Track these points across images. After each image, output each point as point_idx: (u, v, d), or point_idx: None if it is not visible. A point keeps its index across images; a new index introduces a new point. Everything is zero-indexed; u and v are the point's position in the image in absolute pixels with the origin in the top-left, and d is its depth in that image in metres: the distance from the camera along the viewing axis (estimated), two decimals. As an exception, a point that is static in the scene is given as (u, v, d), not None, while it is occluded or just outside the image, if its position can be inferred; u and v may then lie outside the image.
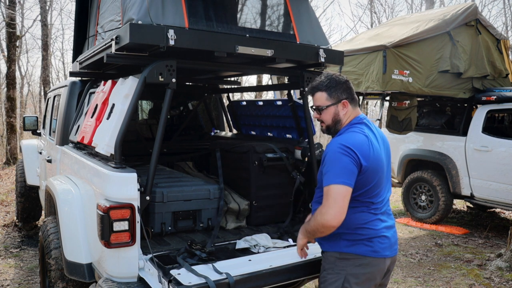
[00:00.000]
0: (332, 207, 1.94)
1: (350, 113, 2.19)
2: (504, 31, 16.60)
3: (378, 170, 2.06)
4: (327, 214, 1.95)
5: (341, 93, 2.17)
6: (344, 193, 1.94)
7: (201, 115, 5.07)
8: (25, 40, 24.86)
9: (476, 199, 6.13)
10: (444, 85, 6.00)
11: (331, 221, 1.94)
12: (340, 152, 1.98)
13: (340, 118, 2.18)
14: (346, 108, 2.18)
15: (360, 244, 2.06)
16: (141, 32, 2.30)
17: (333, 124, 2.19)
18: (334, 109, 2.18)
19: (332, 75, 2.20)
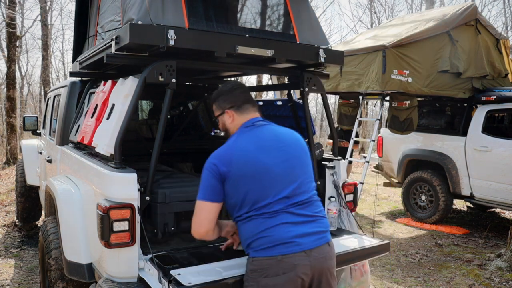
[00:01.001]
0: (194, 219, 2.04)
1: (237, 121, 2.19)
2: (504, 31, 16.61)
3: (253, 173, 1.99)
4: (193, 225, 2.05)
5: (224, 103, 2.21)
6: (206, 207, 2.02)
7: (201, 115, 5.07)
8: (25, 40, 24.87)
9: (476, 199, 6.13)
10: (444, 85, 6.00)
11: (194, 233, 2.06)
12: (206, 167, 2.05)
13: (227, 127, 2.23)
14: (231, 117, 2.19)
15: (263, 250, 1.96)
16: (141, 32, 2.30)
17: (225, 133, 2.26)
18: (221, 119, 2.24)
19: (223, 84, 2.28)
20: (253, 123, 2.16)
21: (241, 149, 2.05)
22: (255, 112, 2.21)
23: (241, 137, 2.11)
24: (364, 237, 2.94)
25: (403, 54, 5.65)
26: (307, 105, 3.23)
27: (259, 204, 1.98)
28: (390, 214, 7.42)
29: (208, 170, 2.03)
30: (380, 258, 4.96)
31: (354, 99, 6.71)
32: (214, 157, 2.06)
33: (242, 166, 2.00)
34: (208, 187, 2.01)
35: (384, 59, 5.52)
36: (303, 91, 3.11)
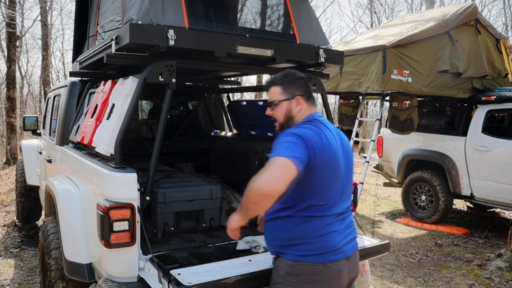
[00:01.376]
0: (269, 172, 1.75)
1: (304, 111, 2.05)
2: (504, 31, 16.61)
3: (332, 166, 1.91)
4: (260, 178, 1.74)
5: (296, 89, 2.05)
6: (288, 164, 1.75)
7: (201, 115, 5.07)
8: (25, 40, 24.87)
9: (476, 199, 6.13)
10: (444, 85, 6.00)
11: (263, 185, 1.73)
12: (290, 136, 1.85)
13: (293, 115, 2.04)
14: (300, 105, 2.04)
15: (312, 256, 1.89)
16: (141, 32, 2.30)
17: (286, 121, 2.05)
18: (287, 105, 2.04)
19: (290, 70, 2.11)
20: (317, 117, 2.05)
21: (327, 138, 1.92)
22: (315, 107, 2.14)
23: (319, 127, 1.96)
24: (364, 237, 2.94)
25: (403, 54, 5.64)
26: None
27: (324, 202, 1.91)
28: (390, 214, 7.42)
29: (297, 138, 1.84)
30: (380, 258, 4.96)
31: (354, 99, 6.71)
32: (303, 134, 1.86)
33: (326, 156, 1.88)
34: (297, 148, 1.80)
35: (384, 59, 5.52)
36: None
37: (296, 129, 1.91)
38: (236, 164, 3.46)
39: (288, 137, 1.85)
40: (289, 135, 1.86)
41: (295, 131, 1.89)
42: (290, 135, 1.86)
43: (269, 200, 1.75)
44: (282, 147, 1.81)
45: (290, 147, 1.79)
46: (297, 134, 1.85)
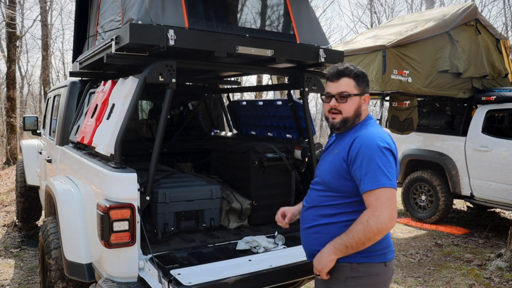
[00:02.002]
0: (388, 207, 1.74)
1: (366, 109, 2.03)
2: (504, 31, 16.60)
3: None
4: (382, 216, 1.73)
5: (366, 86, 2.00)
6: (395, 195, 1.79)
7: (201, 115, 5.07)
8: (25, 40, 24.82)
9: (476, 199, 6.13)
10: (444, 85, 6.00)
11: (389, 223, 1.74)
12: (384, 150, 1.81)
13: (360, 112, 1.98)
14: (366, 103, 2.01)
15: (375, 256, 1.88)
16: (141, 32, 2.30)
17: (353, 117, 1.97)
18: (358, 101, 1.97)
19: (355, 66, 2.04)
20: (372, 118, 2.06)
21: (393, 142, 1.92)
22: None
23: (381, 129, 1.97)
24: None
25: (403, 54, 5.64)
26: (307, 105, 3.23)
27: None
28: (390, 214, 7.41)
29: (391, 155, 1.83)
30: (380, 258, 4.95)
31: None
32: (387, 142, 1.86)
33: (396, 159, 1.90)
34: (393, 171, 1.80)
35: (384, 59, 5.51)
36: (303, 91, 3.11)
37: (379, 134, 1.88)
38: (236, 164, 3.46)
39: (386, 154, 1.81)
40: (385, 151, 1.81)
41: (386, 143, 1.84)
42: (386, 150, 1.82)
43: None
44: (384, 171, 1.77)
45: (391, 172, 1.79)
46: (390, 149, 1.84)
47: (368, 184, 1.76)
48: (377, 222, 1.73)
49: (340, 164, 1.89)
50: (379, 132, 1.90)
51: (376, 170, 1.76)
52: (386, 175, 1.76)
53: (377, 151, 1.79)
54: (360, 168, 1.80)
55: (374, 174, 1.76)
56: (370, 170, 1.77)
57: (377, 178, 1.75)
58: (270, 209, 3.32)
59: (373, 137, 1.85)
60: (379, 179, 1.75)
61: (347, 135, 1.96)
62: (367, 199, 1.78)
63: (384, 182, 1.75)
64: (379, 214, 1.73)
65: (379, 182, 1.75)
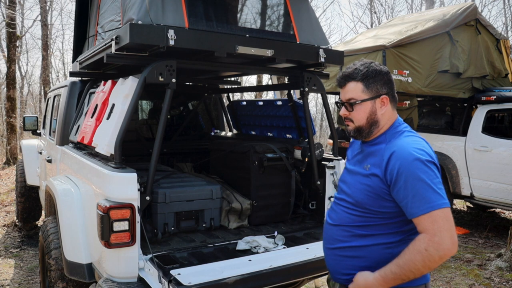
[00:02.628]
0: (448, 229, 1.51)
1: (389, 114, 1.73)
2: (504, 31, 16.60)
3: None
4: (443, 242, 1.50)
5: (382, 87, 1.71)
6: (451, 215, 1.56)
7: (201, 115, 5.08)
8: (25, 40, 24.85)
9: (476, 199, 6.13)
10: (444, 85, 6.00)
11: (452, 248, 1.51)
12: (428, 164, 1.56)
13: (377, 118, 1.71)
14: (385, 106, 1.71)
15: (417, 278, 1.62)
16: (141, 32, 2.30)
17: (368, 126, 1.71)
18: (371, 106, 1.70)
19: (371, 63, 1.74)
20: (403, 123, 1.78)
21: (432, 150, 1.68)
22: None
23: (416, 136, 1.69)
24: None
25: (403, 54, 5.64)
26: (307, 105, 3.24)
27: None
28: (390, 214, 7.42)
29: (434, 166, 1.58)
30: (380, 258, 4.95)
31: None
32: (429, 154, 1.60)
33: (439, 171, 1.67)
34: (442, 187, 1.57)
35: (384, 59, 5.52)
36: (303, 91, 3.11)
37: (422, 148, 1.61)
38: (236, 164, 3.46)
39: (431, 168, 1.56)
40: (429, 164, 1.57)
41: (427, 155, 1.59)
42: (430, 164, 1.57)
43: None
44: (435, 188, 1.54)
45: (441, 188, 1.56)
46: (433, 161, 1.59)
47: (419, 207, 1.53)
48: (438, 249, 1.50)
49: (377, 185, 1.64)
50: (416, 142, 1.63)
51: (425, 190, 1.53)
52: (437, 193, 1.53)
53: (421, 167, 1.55)
54: (405, 189, 1.55)
55: (424, 195, 1.53)
56: (418, 190, 1.53)
57: (428, 199, 1.53)
58: (270, 209, 3.33)
59: (411, 150, 1.58)
60: (431, 200, 1.52)
61: (377, 147, 1.70)
62: (420, 223, 1.54)
63: (437, 202, 1.52)
64: (439, 240, 1.50)
65: (432, 203, 1.52)
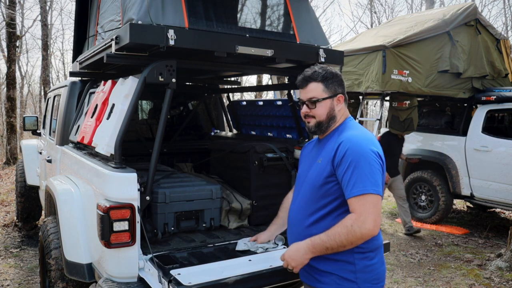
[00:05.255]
0: (372, 213, 1.74)
1: (343, 110, 2.01)
2: (504, 31, 16.60)
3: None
4: (366, 222, 1.73)
5: (338, 87, 1.98)
6: (380, 202, 1.77)
7: (201, 115, 5.07)
8: (25, 40, 24.87)
9: (476, 199, 6.13)
10: (444, 85, 6.01)
11: (373, 229, 1.75)
12: (372, 157, 1.79)
13: (335, 114, 1.98)
14: (340, 103, 1.99)
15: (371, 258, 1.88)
16: (141, 32, 2.30)
17: (327, 120, 1.97)
18: (330, 103, 1.96)
19: (327, 66, 2.01)
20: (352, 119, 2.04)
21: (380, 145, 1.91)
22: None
23: (365, 130, 1.95)
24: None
25: (403, 54, 5.65)
26: (307, 105, 3.23)
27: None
28: (390, 214, 7.42)
29: (378, 163, 1.80)
30: (380, 258, 4.95)
31: (354, 99, 6.71)
32: (374, 145, 1.84)
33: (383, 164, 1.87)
34: (379, 179, 1.78)
35: (384, 59, 5.52)
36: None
37: (368, 138, 1.85)
38: (236, 164, 3.46)
39: (374, 158, 1.79)
40: (373, 155, 1.79)
41: (374, 146, 1.83)
42: (373, 154, 1.80)
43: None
44: (370, 177, 1.75)
45: (377, 179, 1.77)
46: (378, 154, 1.82)
47: (354, 189, 1.76)
48: (361, 227, 1.73)
49: (325, 168, 1.88)
50: (365, 134, 1.88)
51: (363, 175, 1.75)
52: (372, 181, 1.75)
53: (365, 155, 1.78)
54: (346, 172, 1.79)
55: (361, 179, 1.75)
56: (357, 175, 1.76)
57: (363, 184, 1.75)
58: (270, 209, 3.32)
59: (360, 139, 1.84)
60: (365, 185, 1.74)
61: (330, 140, 1.95)
62: (352, 204, 1.77)
63: (370, 188, 1.74)
64: (364, 219, 1.73)
65: (365, 187, 1.74)
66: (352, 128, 1.93)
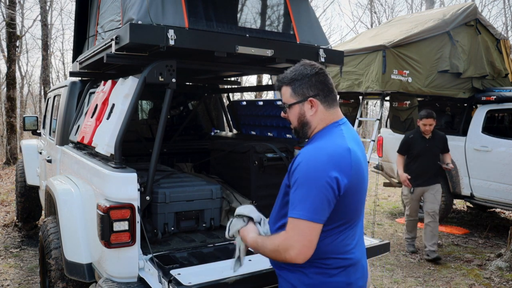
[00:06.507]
0: (300, 241, 1.54)
1: (322, 115, 1.71)
2: (504, 31, 16.60)
3: (358, 189, 1.64)
4: (291, 249, 1.54)
5: (308, 89, 1.70)
6: (316, 229, 1.55)
7: (201, 115, 5.07)
8: (25, 40, 24.88)
9: (476, 199, 6.13)
10: (444, 85, 6.01)
11: (295, 258, 1.55)
12: (320, 180, 1.52)
13: (307, 120, 1.73)
14: (314, 107, 1.71)
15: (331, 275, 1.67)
16: (141, 32, 2.30)
17: (300, 127, 1.76)
18: (299, 109, 1.73)
19: (302, 64, 1.75)
20: (345, 122, 1.76)
21: (355, 153, 1.62)
22: (339, 108, 1.79)
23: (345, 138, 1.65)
24: (364, 237, 2.93)
25: (403, 54, 5.65)
26: (307, 105, 3.23)
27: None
28: (390, 214, 7.42)
29: (326, 184, 1.52)
30: (380, 258, 4.96)
31: (354, 99, 6.71)
32: (332, 164, 1.54)
33: (356, 177, 1.60)
34: (322, 205, 1.53)
35: (384, 59, 5.52)
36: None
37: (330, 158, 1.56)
38: (236, 164, 3.46)
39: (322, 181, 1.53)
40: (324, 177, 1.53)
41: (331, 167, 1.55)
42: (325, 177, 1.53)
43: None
44: (312, 202, 1.52)
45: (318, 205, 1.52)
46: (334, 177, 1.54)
47: (292, 210, 1.56)
48: (285, 251, 1.56)
49: (286, 177, 1.74)
50: (326, 150, 1.58)
51: (302, 199, 1.54)
52: (310, 206, 1.52)
53: (311, 177, 1.54)
54: (291, 189, 1.60)
55: (299, 202, 1.54)
56: (298, 195, 1.55)
57: (301, 207, 1.53)
58: (270, 209, 3.31)
59: (315, 156, 1.57)
60: (302, 208, 1.53)
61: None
62: (288, 224, 1.58)
63: (305, 214, 1.52)
64: (289, 245, 1.55)
65: (300, 212, 1.53)
66: (322, 138, 1.68)
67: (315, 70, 1.72)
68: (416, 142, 5.11)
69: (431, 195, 5.07)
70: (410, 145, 5.15)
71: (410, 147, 5.15)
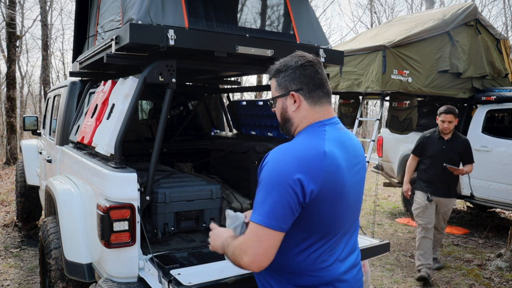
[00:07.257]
0: (254, 247, 1.40)
1: (305, 112, 1.55)
2: (504, 31, 16.60)
3: (335, 200, 1.45)
4: (245, 254, 1.41)
5: (290, 83, 1.55)
6: (273, 237, 1.39)
7: (201, 115, 5.08)
8: (25, 40, 24.89)
9: (476, 199, 6.13)
10: (444, 85, 6.01)
11: (250, 265, 1.41)
12: (284, 184, 1.37)
13: (288, 116, 1.58)
14: (297, 103, 1.54)
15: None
16: (141, 32, 2.30)
17: (283, 124, 1.62)
18: (282, 103, 1.59)
19: (291, 55, 1.60)
20: (333, 122, 1.57)
21: (333, 158, 1.44)
22: (330, 106, 1.60)
23: (325, 140, 1.48)
24: (364, 237, 2.94)
25: (403, 54, 5.65)
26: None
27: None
28: (390, 214, 7.42)
29: (289, 189, 1.37)
30: (380, 258, 4.96)
31: (354, 99, 6.71)
32: (299, 167, 1.39)
33: (331, 185, 1.42)
34: (283, 211, 1.38)
35: (384, 59, 5.52)
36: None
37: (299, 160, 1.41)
38: (236, 164, 3.46)
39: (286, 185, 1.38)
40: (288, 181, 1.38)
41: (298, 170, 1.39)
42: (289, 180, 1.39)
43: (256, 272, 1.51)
44: (271, 207, 1.38)
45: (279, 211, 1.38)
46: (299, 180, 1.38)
47: (253, 213, 1.44)
48: (240, 255, 1.43)
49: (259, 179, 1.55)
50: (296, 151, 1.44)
51: (262, 202, 1.41)
52: (269, 212, 1.38)
53: (274, 179, 1.40)
54: (258, 194, 1.45)
55: (260, 205, 1.41)
56: (260, 198, 1.43)
57: (261, 211, 1.40)
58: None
59: (282, 156, 1.43)
60: (261, 213, 1.40)
61: None
62: (248, 227, 1.46)
63: (262, 219, 1.39)
64: (244, 249, 1.42)
65: (258, 217, 1.40)
66: (297, 137, 1.55)
67: (300, 62, 1.55)
68: (432, 142, 4.47)
69: (443, 211, 4.50)
70: (425, 146, 4.52)
71: (425, 147, 4.52)
